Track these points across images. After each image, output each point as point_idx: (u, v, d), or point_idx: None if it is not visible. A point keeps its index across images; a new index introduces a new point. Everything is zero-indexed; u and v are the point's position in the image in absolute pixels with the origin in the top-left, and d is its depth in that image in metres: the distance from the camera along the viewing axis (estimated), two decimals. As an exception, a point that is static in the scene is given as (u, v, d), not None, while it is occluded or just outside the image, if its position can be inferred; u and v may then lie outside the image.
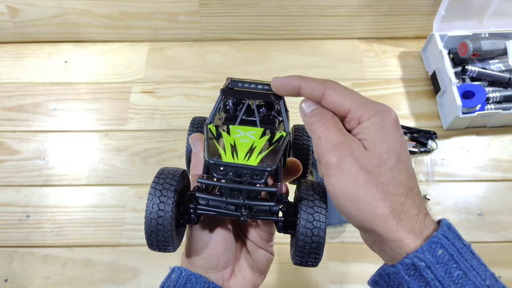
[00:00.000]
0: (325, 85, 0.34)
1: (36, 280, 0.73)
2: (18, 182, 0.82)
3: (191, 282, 0.35)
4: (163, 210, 0.31)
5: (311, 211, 0.32)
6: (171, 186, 0.31)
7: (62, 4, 0.91)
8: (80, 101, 0.91)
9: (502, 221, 0.77)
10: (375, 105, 0.32)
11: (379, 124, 0.31)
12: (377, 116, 0.31)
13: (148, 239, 0.32)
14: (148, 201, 0.31)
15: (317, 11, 0.93)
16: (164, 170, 0.33)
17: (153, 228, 0.31)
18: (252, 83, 0.37)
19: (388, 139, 0.30)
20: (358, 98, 0.33)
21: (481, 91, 0.81)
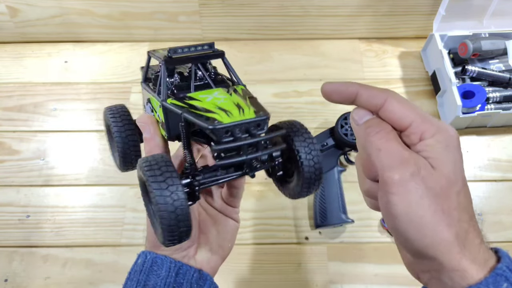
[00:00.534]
0: (387, 93, 0.32)
1: (36, 280, 0.73)
2: (18, 182, 0.82)
3: (157, 264, 0.36)
4: (178, 200, 0.28)
5: (306, 144, 0.34)
6: (173, 172, 0.29)
7: (62, 4, 0.91)
8: (80, 101, 0.91)
9: (502, 221, 0.77)
10: (437, 121, 0.31)
11: (444, 142, 0.29)
12: (442, 134, 0.29)
13: (170, 235, 0.29)
14: (156, 196, 0.28)
15: (317, 11, 0.93)
16: (150, 159, 0.30)
17: (174, 222, 0.28)
18: (191, 46, 0.36)
19: (454, 159, 0.29)
20: (421, 112, 0.31)
21: (481, 91, 0.81)
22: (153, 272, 0.35)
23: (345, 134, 0.75)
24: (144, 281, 0.35)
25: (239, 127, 0.30)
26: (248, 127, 0.30)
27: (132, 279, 0.35)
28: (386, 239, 0.76)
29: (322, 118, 0.88)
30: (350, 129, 0.76)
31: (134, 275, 0.36)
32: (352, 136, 0.75)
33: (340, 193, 0.76)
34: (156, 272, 0.35)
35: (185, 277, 0.36)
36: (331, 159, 0.78)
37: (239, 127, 0.30)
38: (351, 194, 0.80)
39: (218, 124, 0.29)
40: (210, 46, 0.37)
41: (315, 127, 0.86)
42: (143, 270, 0.35)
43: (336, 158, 0.78)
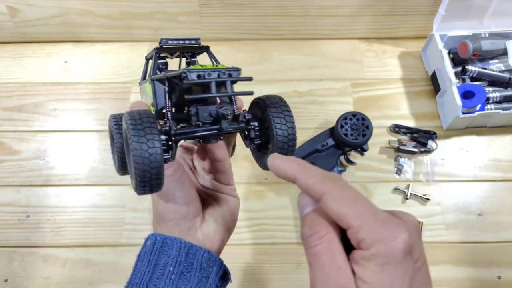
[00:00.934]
0: (324, 188, 0.26)
1: (36, 280, 0.73)
2: (18, 182, 0.82)
3: (167, 245, 0.36)
4: (154, 153, 0.30)
5: (282, 115, 0.35)
6: (152, 125, 0.31)
7: (62, 4, 0.91)
8: (80, 101, 0.91)
9: (502, 221, 0.77)
10: (384, 224, 0.25)
11: (382, 258, 0.24)
12: (382, 245, 0.24)
13: (142, 185, 0.31)
14: (134, 143, 0.29)
15: (317, 11, 0.93)
16: (134, 113, 0.32)
17: (147, 170, 0.30)
18: (180, 39, 0.41)
19: (391, 282, 0.24)
20: (362, 211, 0.25)
21: (481, 91, 0.81)
22: (163, 252, 0.36)
23: (345, 134, 0.75)
24: (155, 261, 0.35)
25: (210, 71, 0.33)
26: (219, 74, 0.33)
27: (143, 260, 0.36)
28: (386, 239, 0.76)
29: (322, 118, 0.88)
30: (350, 129, 0.76)
31: (144, 256, 0.36)
32: (352, 136, 0.75)
33: (340, 193, 0.76)
34: (167, 252, 0.36)
35: (195, 257, 0.36)
36: (331, 159, 0.78)
37: (210, 71, 0.33)
38: (351, 194, 0.80)
39: (191, 69, 0.32)
40: (196, 40, 0.41)
41: (315, 127, 0.86)
42: (154, 250, 0.36)
43: (336, 158, 0.78)
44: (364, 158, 0.82)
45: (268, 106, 0.36)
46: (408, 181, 0.81)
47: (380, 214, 0.25)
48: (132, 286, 0.34)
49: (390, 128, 0.86)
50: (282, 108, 0.36)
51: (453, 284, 0.72)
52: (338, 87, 0.91)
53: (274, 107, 0.36)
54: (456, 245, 0.75)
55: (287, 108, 0.36)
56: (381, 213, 0.25)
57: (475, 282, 0.72)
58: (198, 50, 0.41)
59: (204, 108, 0.34)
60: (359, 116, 0.77)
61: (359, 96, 0.90)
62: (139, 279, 0.34)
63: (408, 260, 0.24)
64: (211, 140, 0.36)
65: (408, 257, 0.24)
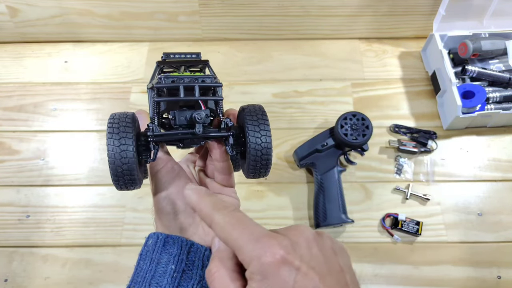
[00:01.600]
0: (212, 217, 0.29)
1: (36, 280, 0.73)
2: (18, 182, 0.82)
3: (168, 244, 0.36)
4: (125, 150, 0.32)
5: (258, 129, 0.35)
6: (127, 126, 0.33)
7: (62, 4, 0.91)
8: (80, 101, 0.91)
9: (502, 221, 0.77)
10: (257, 242, 0.27)
11: (258, 275, 0.26)
12: (256, 261, 0.26)
13: (116, 180, 0.34)
14: (108, 145, 0.32)
15: (317, 11, 0.93)
16: (115, 115, 0.34)
17: (119, 167, 0.33)
18: (182, 53, 0.42)
19: None
20: (242, 232, 0.27)
21: (481, 91, 0.81)
22: (165, 250, 0.36)
23: (345, 134, 0.75)
24: (157, 260, 0.35)
25: (184, 78, 0.34)
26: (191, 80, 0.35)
27: (145, 258, 0.36)
28: (386, 239, 0.76)
29: (322, 118, 0.88)
30: (350, 129, 0.76)
31: (146, 255, 0.36)
32: (352, 136, 0.75)
33: (340, 193, 0.76)
34: (168, 251, 0.36)
35: (196, 254, 0.36)
36: (331, 159, 0.78)
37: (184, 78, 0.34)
38: (351, 194, 0.80)
39: (168, 76, 0.34)
40: (197, 55, 0.43)
41: (315, 127, 0.86)
42: (156, 249, 0.36)
43: (336, 158, 0.78)
44: (364, 158, 0.82)
45: (245, 114, 0.37)
46: (408, 181, 0.81)
47: (258, 233, 0.27)
48: (135, 285, 0.34)
49: (390, 128, 0.86)
50: (258, 117, 0.36)
51: (453, 284, 0.72)
52: (338, 87, 0.92)
53: (250, 115, 0.36)
54: (456, 245, 0.75)
55: (263, 117, 0.36)
56: (259, 232, 0.27)
57: (475, 282, 0.72)
58: (198, 63, 0.42)
59: (181, 113, 0.36)
60: (359, 116, 0.77)
61: (359, 96, 0.90)
62: (141, 278, 0.35)
63: (285, 271, 0.25)
64: (191, 145, 0.38)
65: (284, 268, 0.25)
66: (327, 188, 0.76)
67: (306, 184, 0.81)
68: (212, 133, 0.37)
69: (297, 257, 0.26)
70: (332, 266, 0.28)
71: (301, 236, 0.28)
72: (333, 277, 0.27)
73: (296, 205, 0.79)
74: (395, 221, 0.75)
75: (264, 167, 0.37)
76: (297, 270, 0.25)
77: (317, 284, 0.26)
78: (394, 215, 0.76)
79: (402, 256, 0.74)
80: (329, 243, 0.29)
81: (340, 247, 0.30)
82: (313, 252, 0.27)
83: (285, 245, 0.26)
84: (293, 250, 0.26)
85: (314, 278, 0.26)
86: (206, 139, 0.37)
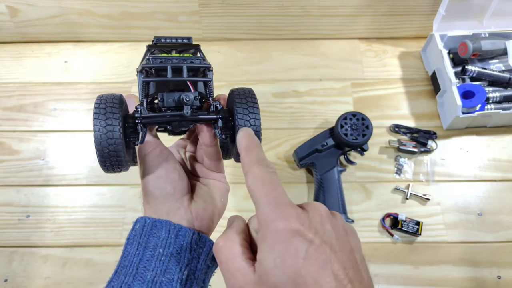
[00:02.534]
0: (250, 167, 0.30)
1: (36, 280, 0.73)
2: (18, 182, 0.82)
3: (156, 228, 0.36)
4: (111, 131, 0.32)
5: (247, 112, 0.35)
6: (114, 107, 0.33)
7: (62, 4, 0.91)
8: (80, 101, 0.91)
9: (502, 221, 0.77)
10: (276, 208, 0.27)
11: (270, 239, 0.26)
12: (269, 226, 0.27)
13: (102, 162, 0.33)
14: (94, 126, 0.32)
15: (317, 11, 0.93)
16: (103, 97, 0.34)
17: (105, 149, 0.32)
18: (173, 37, 0.42)
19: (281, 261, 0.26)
20: (267, 194, 0.28)
21: (481, 91, 0.81)
22: (153, 234, 0.36)
23: (345, 134, 0.75)
24: (145, 243, 0.35)
25: (173, 59, 0.34)
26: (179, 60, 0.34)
27: (132, 242, 0.36)
28: (386, 239, 0.76)
29: (322, 118, 0.88)
30: (350, 129, 0.76)
31: (134, 239, 0.36)
32: (352, 136, 0.75)
33: (340, 193, 0.76)
34: (156, 235, 0.36)
35: (185, 238, 0.36)
36: (331, 159, 0.78)
37: (173, 59, 0.34)
38: (351, 194, 0.80)
39: (156, 56, 0.34)
40: (188, 39, 0.42)
41: (315, 127, 0.86)
42: (143, 233, 0.36)
43: (336, 158, 0.78)
44: (364, 158, 0.82)
45: (234, 96, 0.36)
46: (408, 181, 0.81)
47: (281, 200, 0.28)
48: (122, 269, 0.34)
49: (390, 128, 0.86)
50: (247, 100, 0.36)
51: (453, 284, 0.72)
52: (338, 87, 0.91)
53: (239, 98, 0.36)
54: (456, 245, 0.75)
55: (252, 99, 0.36)
56: (283, 199, 0.28)
57: (475, 282, 0.72)
58: (189, 48, 0.42)
59: (169, 94, 0.35)
60: (359, 116, 0.77)
61: (359, 96, 0.90)
62: (129, 262, 0.34)
63: (298, 241, 0.26)
64: (180, 128, 0.37)
65: (298, 238, 0.26)
66: (327, 188, 0.76)
67: (306, 184, 0.81)
68: (201, 116, 0.36)
69: (311, 231, 0.27)
70: (343, 244, 0.28)
71: (316, 212, 0.28)
72: (344, 254, 0.27)
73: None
74: (395, 221, 0.75)
75: None
76: (310, 242, 0.26)
77: (328, 257, 0.26)
78: (394, 215, 0.76)
79: (402, 256, 0.74)
80: (341, 222, 0.30)
81: (351, 229, 0.31)
82: (326, 228, 0.28)
83: (302, 217, 0.27)
84: (308, 223, 0.27)
85: (326, 251, 0.26)
86: (195, 122, 0.37)
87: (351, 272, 0.27)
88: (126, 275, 0.33)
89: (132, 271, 0.33)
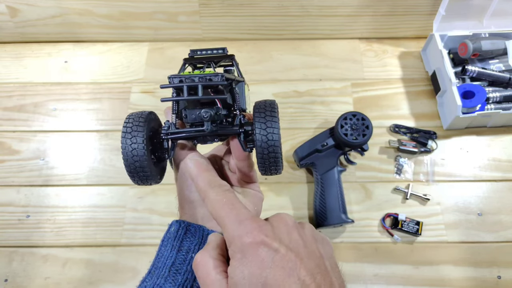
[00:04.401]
0: (206, 192, 0.32)
1: (36, 280, 0.73)
2: (18, 182, 0.82)
3: (190, 232, 0.37)
4: (136, 149, 0.34)
5: (264, 126, 0.35)
6: (139, 125, 0.35)
7: (62, 4, 0.91)
8: (80, 101, 0.91)
9: (502, 221, 0.77)
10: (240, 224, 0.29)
11: (238, 253, 0.28)
12: (236, 241, 0.28)
13: (131, 177, 0.36)
14: (121, 144, 0.34)
15: (317, 11, 0.93)
16: (132, 115, 0.36)
17: (131, 163, 0.34)
18: (208, 49, 0.43)
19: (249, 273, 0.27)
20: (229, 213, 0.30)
21: (481, 91, 0.81)
22: (186, 238, 0.36)
23: (345, 134, 0.75)
24: (178, 247, 0.36)
25: (193, 77, 0.35)
26: (199, 79, 0.35)
27: (166, 245, 0.37)
28: (386, 239, 0.76)
29: (322, 118, 0.88)
30: (350, 129, 0.76)
31: (168, 241, 0.37)
32: (352, 136, 0.75)
33: (340, 193, 0.76)
34: (190, 239, 0.36)
35: None
36: (331, 159, 0.78)
37: (193, 77, 0.35)
38: (351, 194, 0.80)
39: (176, 75, 0.35)
40: (223, 50, 0.43)
41: (315, 127, 0.86)
42: (177, 236, 0.36)
43: (336, 158, 0.78)
44: (364, 158, 0.82)
45: (254, 110, 0.37)
46: (408, 181, 0.81)
47: (243, 215, 0.29)
48: (156, 270, 0.35)
49: (390, 128, 0.86)
50: (266, 113, 0.36)
51: (453, 284, 0.72)
52: (338, 87, 0.92)
53: (258, 112, 0.36)
54: (456, 245, 0.75)
55: (271, 113, 0.36)
56: (244, 214, 0.29)
57: (475, 282, 0.72)
58: (224, 59, 0.42)
59: (191, 111, 0.36)
60: (359, 116, 0.77)
61: (359, 96, 0.90)
62: (162, 263, 0.35)
63: (264, 251, 0.27)
64: (206, 142, 0.38)
65: (263, 249, 0.27)
66: (327, 188, 0.76)
67: (306, 184, 0.81)
68: (221, 131, 0.37)
69: (276, 240, 0.28)
70: (311, 251, 0.29)
71: (281, 222, 0.30)
72: (312, 261, 0.28)
73: (296, 205, 0.79)
74: (395, 221, 0.75)
75: (273, 165, 0.36)
76: (276, 251, 0.27)
77: (295, 264, 0.27)
78: (394, 215, 0.76)
79: (402, 256, 0.74)
80: (310, 231, 0.31)
81: (322, 237, 0.32)
82: (293, 237, 0.29)
83: (265, 229, 0.28)
84: (272, 234, 0.28)
85: (292, 259, 0.27)
86: (216, 136, 0.38)
87: (319, 278, 0.27)
88: (159, 276, 0.34)
89: (164, 273, 0.34)
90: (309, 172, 0.82)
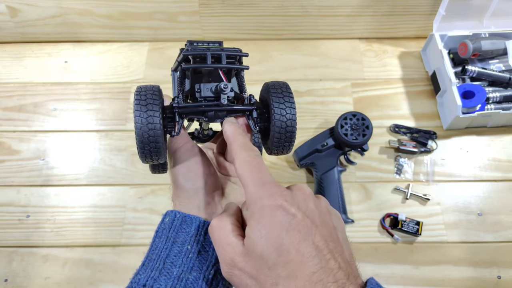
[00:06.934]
0: (237, 153, 0.33)
1: (36, 280, 0.73)
2: (18, 182, 0.82)
3: (186, 223, 0.36)
4: (152, 122, 0.33)
5: (282, 101, 0.36)
6: (154, 100, 0.34)
7: (62, 4, 0.91)
8: (80, 101, 0.91)
9: (502, 221, 0.77)
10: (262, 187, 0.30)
11: (257, 214, 0.29)
12: (256, 203, 0.29)
13: (142, 152, 0.34)
14: (136, 117, 0.33)
15: (317, 11, 0.93)
16: (143, 88, 0.35)
17: (145, 140, 0.33)
18: (205, 41, 0.42)
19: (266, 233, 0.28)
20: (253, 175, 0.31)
21: (481, 91, 0.81)
22: (182, 230, 0.36)
23: (345, 134, 0.75)
24: (174, 238, 0.35)
25: (211, 51, 0.35)
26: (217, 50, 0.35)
27: (161, 236, 0.36)
28: (386, 239, 0.76)
29: (322, 118, 0.88)
30: (350, 129, 0.76)
31: (162, 233, 0.36)
32: (352, 136, 0.75)
33: (340, 193, 0.76)
34: (186, 230, 0.36)
35: None
36: (331, 159, 0.78)
37: (211, 51, 0.35)
38: (351, 194, 0.80)
39: (195, 47, 0.35)
40: (220, 44, 0.42)
41: (315, 127, 0.86)
42: (173, 227, 0.36)
43: (336, 158, 0.78)
44: (364, 158, 0.82)
45: (269, 88, 0.37)
46: (408, 181, 0.81)
47: (267, 179, 0.30)
48: (150, 262, 0.34)
49: (390, 128, 0.86)
50: (282, 90, 0.37)
51: (453, 284, 0.72)
52: (338, 87, 0.92)
53: (274, 89, 0.37)
54: (456, 245, 0.75)
55: (289, 93, 0.37)
56: (268, 179, 0.30)
57: (475, 282, 0.72)
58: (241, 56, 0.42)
59: (206, 85, 0.36)
60: (359, 116, 0.77)
61: (359, 96, 0.90)
62: (156, 256, 0.34)
63: (281, 215, 0.28)
64: (216, 120, 0.37)
65: (281, 212, 0.28)
66: (327, 188, 0.76)
67: (306, 184, 0.81)
68: (236, 106, 0.37)
69: (294, 206, 0.29)
70: (326, 222, 0.30)
71: (300, 191, 0.31)
72: (325, 229, 0.29)
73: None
74: (395, 221, 0.75)
75: (288, 140, 0.37)
76: (293, 216, 0.28)
77: (310, 229, 0.28)
78: (394, 215, 0.76)
79: (402, 256, 0.74)
80: (325, 204, 0.32)
81: (335, 212, 0.33)
82: (309, 206, 0.30)
83: (285, 194, 0.29)
84: (291, 200, 0.29)
85: (308, 224, 0.28)
86: (230, 112, 0.37)
87: (332, 245, 0.29)
88: (153, 269, 0.33)
89: (158, 266, 0.34)
90: (309, 172, 0.82)
